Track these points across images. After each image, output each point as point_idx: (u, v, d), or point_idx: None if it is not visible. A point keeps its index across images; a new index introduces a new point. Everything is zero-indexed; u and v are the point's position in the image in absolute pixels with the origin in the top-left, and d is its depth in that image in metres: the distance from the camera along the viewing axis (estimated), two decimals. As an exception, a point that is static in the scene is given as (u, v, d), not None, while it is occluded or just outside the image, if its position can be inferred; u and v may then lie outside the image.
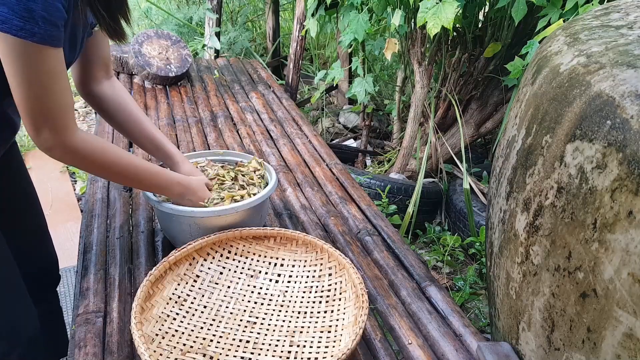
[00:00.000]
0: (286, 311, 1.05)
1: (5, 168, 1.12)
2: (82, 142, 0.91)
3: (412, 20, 2.29)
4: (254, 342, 0.97)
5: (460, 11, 1.98)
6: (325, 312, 1.04)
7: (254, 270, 1.14)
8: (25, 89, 0.81)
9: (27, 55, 0.78)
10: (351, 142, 3.28)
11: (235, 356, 0.93)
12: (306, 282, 1.12)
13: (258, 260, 1.16)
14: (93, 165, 0.96)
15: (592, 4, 1.61)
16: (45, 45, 0.78)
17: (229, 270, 1.13)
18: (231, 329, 1.00)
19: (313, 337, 0.99)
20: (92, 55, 1.09)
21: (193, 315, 1.02)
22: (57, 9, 0.77)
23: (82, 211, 2.07)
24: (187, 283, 1.07)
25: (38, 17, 0.75)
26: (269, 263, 1.16)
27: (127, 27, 0.97)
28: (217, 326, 1.00)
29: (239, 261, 1.15)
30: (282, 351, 0.94)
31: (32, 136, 0.87)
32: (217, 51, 3.36)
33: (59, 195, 2.67)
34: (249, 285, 1.11)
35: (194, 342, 0.96)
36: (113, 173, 1.01)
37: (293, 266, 1.15)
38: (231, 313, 1.04)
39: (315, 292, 1.09)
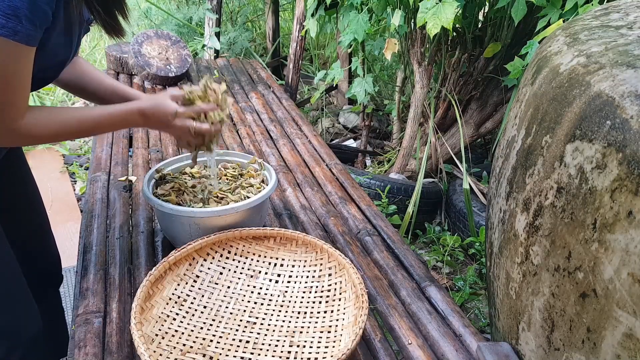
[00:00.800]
0: (286, 311, 1.05)
1: (8, 168, 1.12)
2: (27, 124, 0.88)
3: (412, 20, 2.29)
4: (254, 342, 0.97)
5: (460, 11, 1.98)
6: (325, 312, 1.04)
7: (254, 271, 1.14)
8: None
9: (2, 52, 0.77)
10: (351, 142, 3.28)
11: (235, 356, 0.93)
12: (306, 282, 1.12)
13: (258, 261, 1.16)
14: (42, 138, 0.94)
15: (592, 4, 1.61)
16: (23, 44, 0.78)
17: (229, 270, 1.13)
18: (231, 329, 1.00)
19: (313, 337, 0.99)
20: None
21: (193, 315, 1.02)
22: (43, 12, 0.77)
23: (81, 211, 2.07)
24: (187, 283, 1.07)
25: (22, 15, 0.74)
26: (269, 263, 1.16)
27: (126, 25, 0.97)
28: (217, 326, 1.00)
29: (239, 261, 1.15)
30: (282, 351, 0.94)
31: None
32: (216, 51, 3.36)
33: (59, 195, 2.67)
34: (248, 286, 1.11)
35: (194, 342, 0.95)
36: (70, 134, 0.98)
37: (293, 266, 1.15)
38: (231, 313, 1.04)
39: (315, 292, 1.09)
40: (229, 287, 1.10)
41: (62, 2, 0.82)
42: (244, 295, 1.09)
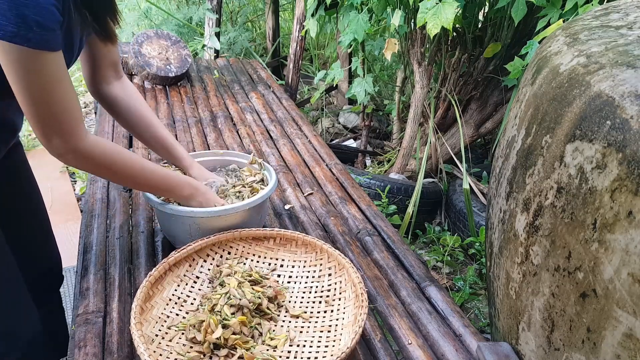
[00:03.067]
0: (286, 311, 1.05)
1: (10, 168, 1.12)
2: (93, 147, 0.91)
3: (412, 20, 2.29)
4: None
5: (460, 11, 1.98)
6: (325, 312, 1.04)
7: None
8: (27, 95, 0.80)
9: (24, 61, 0.77)
10: (351, 142, 3.28)
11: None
12: (306, 283, 1.12)
13: (258, 261, 1.16)
14: (105, 169, 0.96)
15: (592, 4, 1.61)
16: (41, 50, 0.77)
17: (229, 270, 1.13)
18: (231, 329, 1.00)
19: (313, 336, 0.99)
20: (97, 54, 1.08)
21: (193, 316, 1.01)
22: (51, 13, 0.76)
23: (81, 211, 2.07)
24: (186, 284, 1.07)
25: (31, 22, 0.74)
26: (269, 264, 1.16)
27: (117, 28, 0.96)
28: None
29: (239, 262, 1.15)
30: (282, 350, 0.94)
31: (43, 143, 0.87)
32: (216, 51, 3.36)
33: (59, 195, 2.67)
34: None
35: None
36: (124, 177, 1.01)
37: (293, 267, 1.15)
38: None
39: (315, 292, 1.09)
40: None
41: (66, 3, 0.81)
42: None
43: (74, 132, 0.87)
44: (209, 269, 1.11)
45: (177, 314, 1.00)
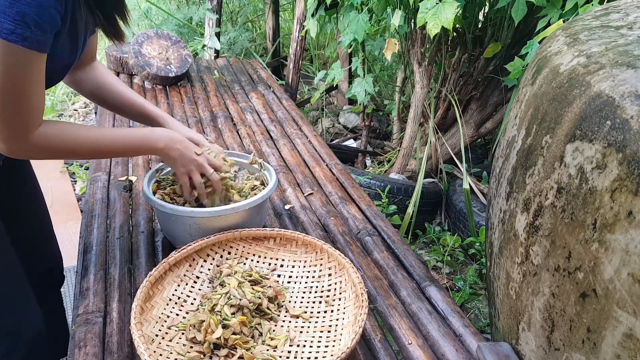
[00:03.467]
0: (286, 311, 1.05)
1: (11, 168, 1.12)
2: (40, 137, 0.88)
3: (412, 20, 2.29)
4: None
5: (460, 11, 1.98)
6: (325, 312, 1.04)
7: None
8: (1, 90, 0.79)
9: (12, 58, 0.76)
10: (351, 143, 3.28)
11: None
12: (306, 283, 1.12)
13: (258, 261, 1.16)
14: (56, 153, 0.93)
15: (592, 4, 1.61)
16: (33, 50, 0.77)
17: (229, 270, 1.13)
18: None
19: (313, 336, 0.99)
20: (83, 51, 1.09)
21: (193, 316, 1.01)
22: (51, 16, 0.76)
23: (81, 211, 2.07)
24: (187, 284, 1.07)
25: (30, 21, 0.74)
26: (269, 264, 1.16)
27: (126, 27, 0.96)
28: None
29: (239, 262, 1.15)
30: (282, 350, 0.94)
31: None
32: (217, 51, 3.36)
33: (59, 195, 2.67)
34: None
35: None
36: (85, 153, 0.98)
37: (293, 267, 1.15)
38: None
39: (315, 292, 1.09)
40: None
41: (70, 6, 0.82)
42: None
43: (25, 130, 0.85)
44: (209, 269, 1.11)
45: (177, 314, 1.00)
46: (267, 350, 0.94)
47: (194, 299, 1.05)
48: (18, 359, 1.06)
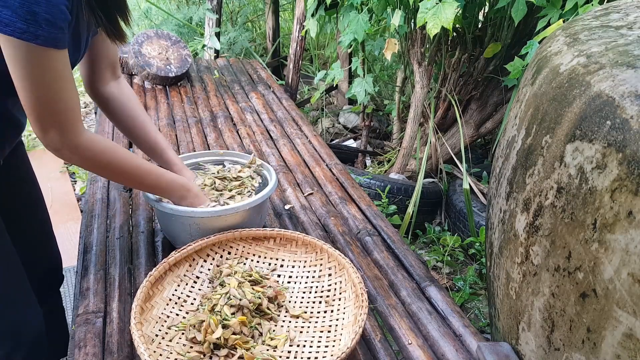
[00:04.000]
0: (286, 311, 1.05)
1: (11, 168, 1.12)
2: (89, 142, 0.92)
3: (412, 20, 2.29)
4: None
5: (460, 11, 1.98)
6: (325, 312, 1.04)
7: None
8: (30, 90, 0.81)
9: (31, 57, 0.78)
10: (351, 143, 3.28)
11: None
12: (306, 283, 1.12)
13: (258, 261, 1.16)
14: (99, 166, 0.97)
15: (592, 4, 1.61)
16: (48, 47, 0.78)
17: (229, 270, 1.13)
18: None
19: (313, 336, 0.99)
20: (97, 54, 1.09)
21: (193, 316, 1.01)
22: (61, 12, 0.77)
23: (81, 211, 2.07)
24: (187, 284, 1.07)
25: (41, 19, 0.75)
26: (269, 264, 1.16)
27: (127, 28, 0.97)
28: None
29: (239, 262, 1.15)
30: (282, 350, 0.94)
31: (39, 137, 0.87)
32: (217, 51, 3.36)
33: (59, 195, 2.67)
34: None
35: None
36: (118, 174, 1.02)
37: (293, 267, 1.15)
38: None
39: (315, 292, 1.09)
40: (229, 287, 1.10)
41: (75, 4, 0.82)
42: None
43: (72, 128, 0.88)
44: (209, 269, 1.11)
45: (177, 314, 1.00)
46: (267, 350, 0.94)
47: (194, 299, 1.05)
48: (19, 359, 1.06)
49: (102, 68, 1.11)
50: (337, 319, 1.01)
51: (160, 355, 0.89)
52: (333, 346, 0.95)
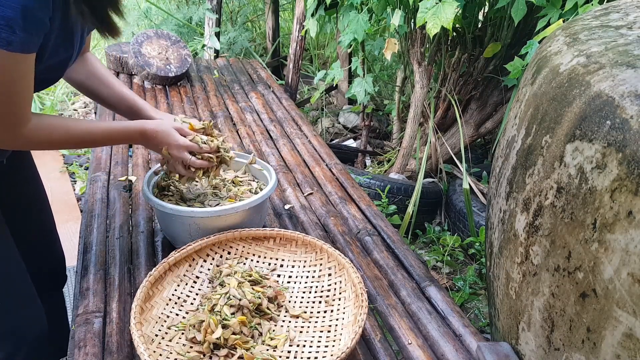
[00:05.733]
0: (286, 311, 1.05)
1: (16, 168, 1.12)
2: (30, 131, 0.89)
3: (412, 20, 2.29)
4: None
5: (460, 11, 1.98)
6: (325, 312, 1.04)
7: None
8: None
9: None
10: (351, 142, 3.28)
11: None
12: (306, 283, 1.12)
13: (258, 261, 1.16)
14: (46, 145, 0.96)
15: (592, 4, 1.61)
16: (17, 52, 0.77)
17: (229, 270, 1.13)
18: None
19: (313, 336, 0.98)
20: None
21: (193, 316, 1.01)
22: (38, 20, 0.76)
23: (81, 211, 2.06)
24: (186, 284, 1.07)
25: (15, 25, 0.73)
26: (269, 264, 1.16)
27: (122, 21, 0.94)
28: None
29: (239, 262, 1.15)
30: (282, 350, 0.94)
31: None
32: (216, 51, 3.36)
33: (59, 195, 2.67)
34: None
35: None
36: (69, 144, 1.01)
37: (293, 267, 1.15)
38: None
39: (315, 292, 1.09)
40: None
41: (58, 4, 0.80)
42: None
43: (16, 124, 0.87)
44: (209, 269, 1.11)
45: (177, 314, 1.00)
46: (267, 350, 0.93)
47: (194, 299, 1.05)
48: (20, 359, 1.06)
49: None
50: (337, 319, 1.01)
51: (160, 355, 0.89)
52: (333, 346, 0.95)
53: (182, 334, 0.96)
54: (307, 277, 1.13)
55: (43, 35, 0.80)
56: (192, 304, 1.03)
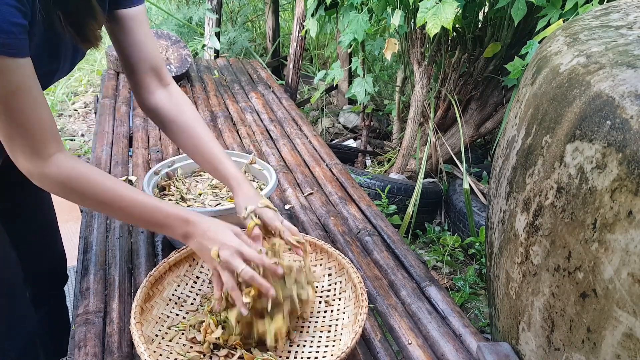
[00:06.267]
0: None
1: (16, 168, 1.12)
2: (60, 168, 0.79)
3: (412, 20, 2.29)
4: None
5: (460, 11, 1.98)
6: (325, 312, 1.04)
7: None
8: None
9: None
10: (351, 142, 3.28)
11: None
12: (306, 282, 1.11)
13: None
14: (74, 196, 0.82)
15: (592, 4, 1.61)
16: (6, 56, 0.68)
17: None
18: (231, 329, 1.00)
19: (313, 336, 0.98)
20: (131, 59, 0.97)
21: (193, 316, 1.01)
22: (10, 14, 0.66)
23: (82, 211, 2.07)
24: (187, 284, 1.07)
25: None
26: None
27: (99, 31, 0.84)
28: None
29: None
30: (282, 350, 0.94)
31: (12, 159, 0.78)
32: (216, 51, 3.36)
33: (59, 195, 2.66)
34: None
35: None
36: (98, 205, 0.85)
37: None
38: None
39: (315, 292, 1.09)
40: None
41: (38, 7, 0.71)
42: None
43: (39, 150, 0.76)
44: (209, 269, 1.11)
45: (177, 314, 1.00)
46: (267, 350, 0.94)
47: (194, 299, 1.05)
48: (11, 359, 1.06)
49: (142, 74, 0.98)
50: (337, 319, 1.01)
51: (160, 355, 0.89)
52: (333, 346, 0.95)
53: (182, 334, 0.96)
54: (307, 277, 1.12)
55: (26, 33, 0.70)
56: (192, 304, 1.03)
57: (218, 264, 0.85)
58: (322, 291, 1.09)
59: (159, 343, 0.92)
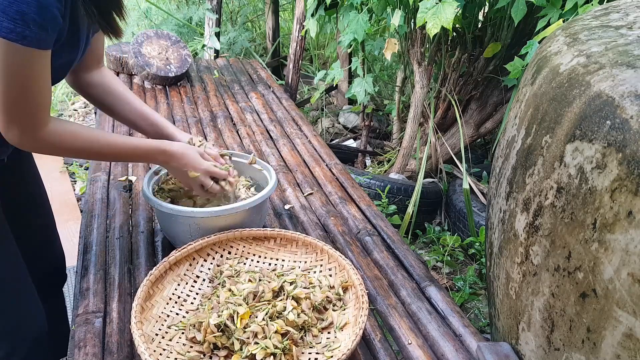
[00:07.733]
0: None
1: (16, 167, 1.12)
2: (51, 134, 0.90)
3: (412, 20, 2.29)
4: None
5: (460, 11, 1.98)
6: (326, 311, 1.04)
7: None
8: (3, 88, 0.80)
9: (13, 57, 0.77)
10: (351, 142, 3.28)
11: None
12: (306, 282, 1.11)
13: (258, 261, 1.16)
14: (66, 152, 0.96)
15: (592, 4, 1.61)
16: (33, 48, 0.78)
17: (229, 270, 1.13)
18: (231, 329, 1.00)
19: (313, 337, 0.98)
20: (89, 53, 1.08)
21: (193, 315, 1.01)
22: (52, 16, 0.77)
23: (81, 211, 2.07)
24: (187, 283, 1.07)
25: (30, 20, 0.74)
26: (269, 264, 1.16)
27: (124, 25, 0.96)
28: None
29: (239, 262, 1.15)
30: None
31: (1, 130, 0.87)
32: (216, 51, 3.36)
33: (59, 195, 2.67)
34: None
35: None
36: (89, 154, 1.01)
37: (293, 268, 1.15)
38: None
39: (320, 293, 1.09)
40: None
41: (69, 2, 0.82)
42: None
43: (35, 125, 0.87)
44: (209, 269, 1.11)
45: (177, 313, 1.00)
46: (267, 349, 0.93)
47: (194, 299, 1.05)
48: (20, 358, 1.06)
49: (89, 60, 1.10)
50: (337, 320, 1.01)
51: (160, 354, 0.89)
52: (333, 349, 0.95)
53: (182, 333, 0.96)
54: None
55: (57, 32, 0.81)
56: (192, 303, 1.03)
57: (193, 181, 1.13)
58: (322, 292, 1.09)
59: (159, 342, 0.92)
